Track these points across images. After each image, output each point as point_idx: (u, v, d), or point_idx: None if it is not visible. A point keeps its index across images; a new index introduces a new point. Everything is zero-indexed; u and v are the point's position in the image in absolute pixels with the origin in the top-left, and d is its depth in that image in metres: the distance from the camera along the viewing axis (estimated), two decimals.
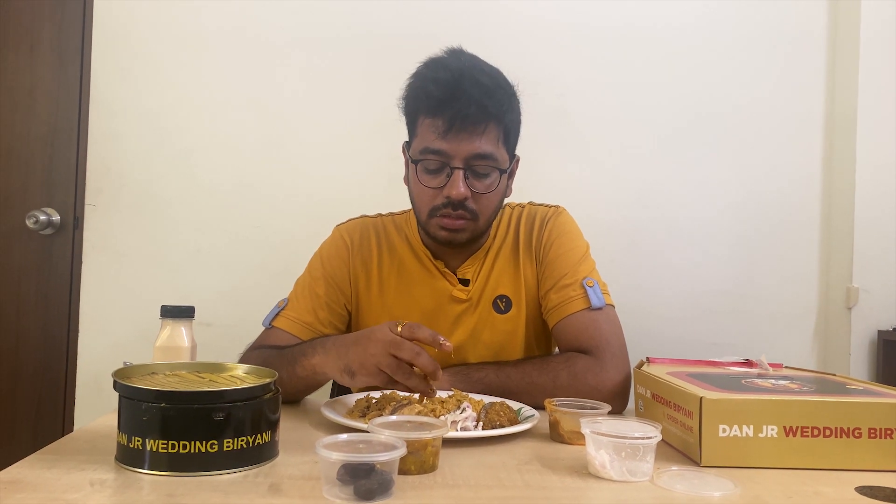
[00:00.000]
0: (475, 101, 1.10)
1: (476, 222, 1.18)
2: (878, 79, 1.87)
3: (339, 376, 0.98)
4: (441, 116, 1.12)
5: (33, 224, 1.88)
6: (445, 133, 1.12)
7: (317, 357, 1.02)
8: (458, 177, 1.13)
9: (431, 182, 1.16)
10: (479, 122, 1.12)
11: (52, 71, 1.93)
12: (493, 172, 1.16)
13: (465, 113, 1.10)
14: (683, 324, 1.91)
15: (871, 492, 0.72)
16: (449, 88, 1.11)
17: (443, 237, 1.19)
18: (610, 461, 0.73)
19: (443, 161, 1.14)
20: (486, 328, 1.26)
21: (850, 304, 1.87)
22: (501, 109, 1.14)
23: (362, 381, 0.95)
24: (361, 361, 0.94)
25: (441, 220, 1.17)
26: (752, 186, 1.93)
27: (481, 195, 1.16)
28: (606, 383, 1.11)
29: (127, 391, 0.72)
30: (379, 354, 0.92)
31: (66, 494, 0.63)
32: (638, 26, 1.91)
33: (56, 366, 1.92)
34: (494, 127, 1.14)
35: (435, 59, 1.18)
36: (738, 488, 0.71)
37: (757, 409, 0.80)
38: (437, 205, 1.16)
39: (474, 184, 1.15)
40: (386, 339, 0.92)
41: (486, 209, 1.19)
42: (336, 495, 0.64)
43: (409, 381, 0.92)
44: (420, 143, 1.16)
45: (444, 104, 1.11)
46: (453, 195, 1.13)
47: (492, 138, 1.14)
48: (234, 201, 1.85)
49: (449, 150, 1.12)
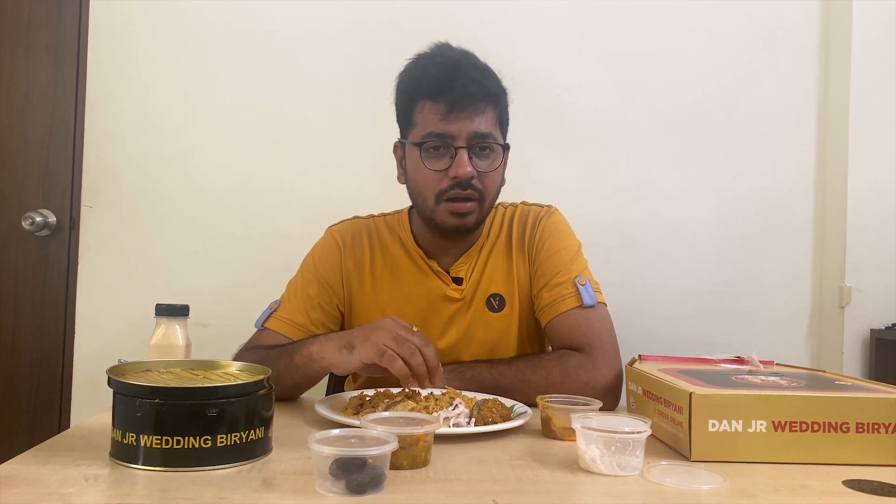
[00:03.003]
0: (475, 82, 1.15)
1: (482, 204, 1.20)
2: (871, 79, 1.88)
3: (338, 353, 1.00)
4: (443, 98, 1.15)
5: (29, 225, 1.88)
6: (448, 114, 1.15)
7: (315, 344, 1.04)
8: (462, 156, 1.15)
9: (436, 165, 1.17)
10: (479, 102, 1.16)
11: (48, 72, 1.93)
12: (494, 151, 1.19)
13: (466, 92, 1.14)
14: (678, 323, 1.91)
15: (857, 485, 0.73)
16: (449, 70, 1.16)
17: (451, 224, 1.20)
18: (600, 455, 0.74)
19: (446, 143, 1.16)
20: (480, 327, 1.26)
21: (844, 303, 1.88)
22: (498, 90, 1.20)
23: (360, 354, 0.97)
24: (365, 336, 0.97)
25: (450, 205, 1.18)
26: (746, 186, 1.95)
27: (485, 174, 1.19)
28: (598, 380, 1.12)
29: (121, 387, 0.73)
30: (385, 336, 0.95)
31: (60, 489, 0.64)
32: (632, 27, 1.92)
33: (52, 365, 1.92)
34: (492, 109, 1.18)
35: (426, 51, 1.21)
36: (727, 482, 0.72)
37: (746, 405, 0.81)
38: (444, 188, 1.18)
39: (478, 163, 1.17)
40: (395, 325, 0.97)
41: (490, 189, 1.21)
42: (328, 489, 0.65)
43: (412, 358, 0.94)
44: (422, 128, 1.18)
45: (445, 85, 1.15)
46: (461, 174, 1.15)
47: (490, 119, 1.18)
48: (231, 202, 1.85)
49: (452, 130, 1.15)
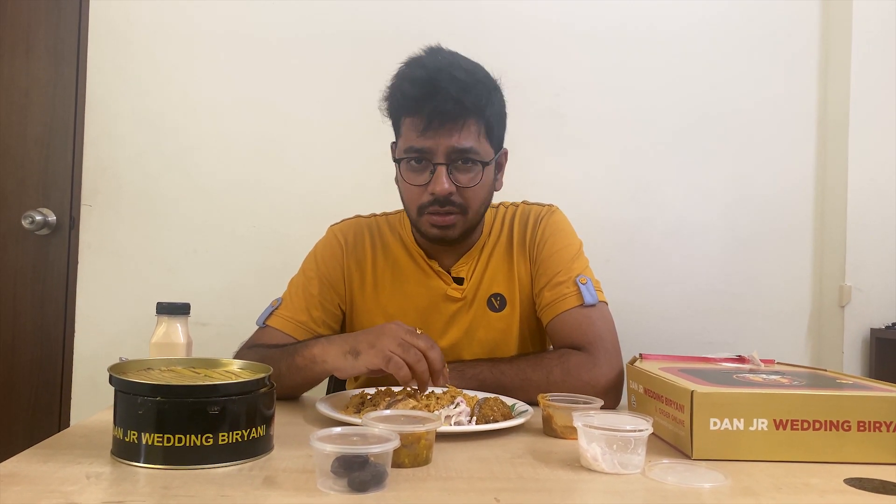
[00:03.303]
0: (451, 98, 1.12)
1: (465, 216, 1.19)
2: (871, 79, 1.88)
3: (342, 359, 0.99)
4: (419, 114, 1.13)
5: (29, 224, 1.88)
6: (425, 130, 1.13)
7: (318, 347, 1.04)
8: (440, 173, 1.14)
9: (416, 180, 1.17)
10: (458, 118, 1.13)
11: (48, 71, 1.93)
12: (476, 166, 1.17)
13: (442, 109, 1.12)
14: (679, 322, 1.92)
15: (859, 483, 0.73)
16: (425, 87, 1.13)
17: (434, 234, 1.20)
18: (602, 454, 0.74)
19: (425, 158, 1.15)
20: (481, 326, 1.26)
21: (844, 302, 1.88)
22: (480, 104, 1.15)
23: (366, 361, 0.96)
24: (371, 342, 0.97)
25: (431, 218, 1.18)
26: (746, 186, 1.95)
27: (466, 189, 1.17)
28: (600, 379, 1.12)
29: (123, 385, 0.73)
30: (391, 343, 0.95)
31: (62, 487, 0.64)
32: (632, 28, 1.92)
33: (52, 365, 1.92)
34: (474, 122, 1.15)
35: (413, 58, 1.20)
36: (729, 480, 0.72)
37: (747, 403, 0.81)
38: (424, 202, 1.17)
39: (458, 178, 1.16)
40: (400, 331, 0.97)
41: (473, 202, 1.19)
42: (330, 487, 0.65)
43: (418, 365, 0.94)
44: (403, 142, 1.18)
45: (420, 102, 1.13)
46: (437, 191, 1.15)
47: (472, 133, 1.15)
48: (231, 201, 1.85)
49: (429, 146, 1.14)
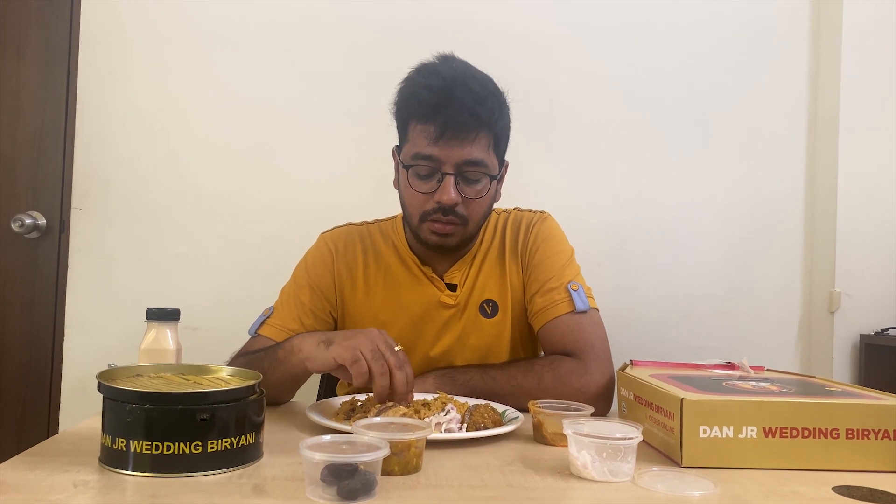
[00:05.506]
0: (467, 109, 1.11)
1: (465, 227, 1.19)
2: (861, 83, 1.90)
3: (315, 347, 0.98)
4: (433, 123, 1.13)
5: (19, 227, 1.86)
6: (437, 139, 1.12)
7: (297, 338, 1.04)
8: (448, 182, 1.14)
9: (422, 187, 1.17)
10: (471, 130, 1.13)
11: (38, 73, 1.92)
12: (484, 178, 1.17)
13: (457, 120, 1.11)
14: (670, 327, 1.92)
15: (847, 491, 0.73)
16: (441, 95, 1.12)
17: (433, 242, 1.20)
18: (591, 461, 0.74)
19: (434, 167, 1.15)
20: (473, 332, 1.26)
21: (833, 308, 1.89)
22: (492, 117, 1.15)
23: (334, 352, 0.95)
24: (347, 338, 0.96)
25: (432, 225, 1.18)
26: (736, 192, 1.96)
27: (471, 200, 1.18)
28: (590, 385, 1.13)
29: (111, 392, 0.73)
30: (365, 342, 0.94)
31: (49, 496, 0.63)
32: (623, 33, 1.93)
33: (41, 369, 1.90)
34: (485, 134, 1.15)
35: (426, 64, 1.19)
36: (718, 488, 0.72)
37: (737, 410, 0.81)
38: (428, 210, 1.17)
39: (465, 189, 1.16)
40: (379, 339, 0.95)
41: (475, 214, 1.20)
42: (319, 496, 0.65)
43: (380, 378, 0.92)
44: (411, 148, 1.17)
45: (436, 111, 1.12)
46: (444, 201, 1.14)
47: (482, 145, 1.15)
48: (222, 205, 1.85)
49: (440, 156, 1.13)
